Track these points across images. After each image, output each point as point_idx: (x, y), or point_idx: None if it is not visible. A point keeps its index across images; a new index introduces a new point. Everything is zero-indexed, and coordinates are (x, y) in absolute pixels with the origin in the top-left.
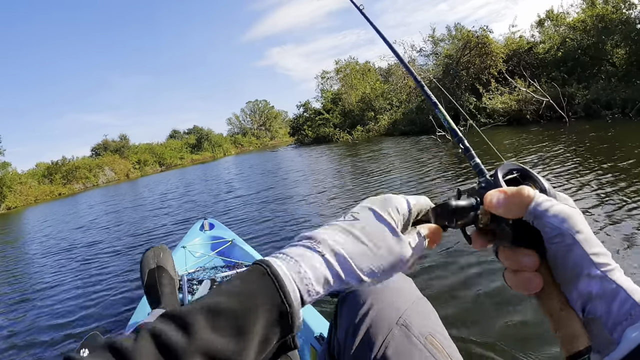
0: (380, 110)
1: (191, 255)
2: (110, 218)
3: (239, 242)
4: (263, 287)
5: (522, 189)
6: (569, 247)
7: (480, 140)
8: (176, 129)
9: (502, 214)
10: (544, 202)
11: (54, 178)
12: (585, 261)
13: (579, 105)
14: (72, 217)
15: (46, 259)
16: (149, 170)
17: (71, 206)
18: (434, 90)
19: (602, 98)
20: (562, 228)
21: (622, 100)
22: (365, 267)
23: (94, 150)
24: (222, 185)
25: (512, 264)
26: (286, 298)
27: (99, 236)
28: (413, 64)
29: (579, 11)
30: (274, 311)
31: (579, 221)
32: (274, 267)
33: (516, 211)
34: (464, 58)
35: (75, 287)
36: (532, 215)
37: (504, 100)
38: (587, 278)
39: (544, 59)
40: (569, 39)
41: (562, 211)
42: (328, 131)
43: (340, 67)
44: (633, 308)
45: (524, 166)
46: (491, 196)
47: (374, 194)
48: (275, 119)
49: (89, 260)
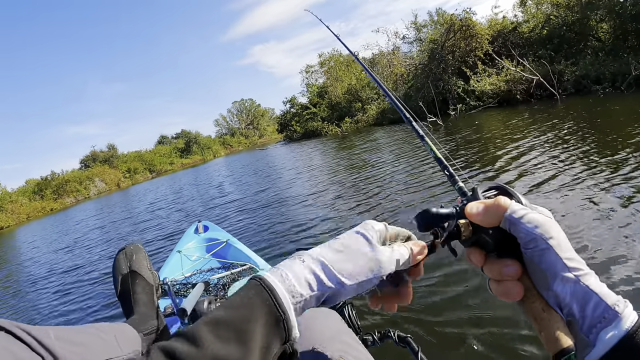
0: (368, 100)
1: (187, 259)
2: (97, 235)
3: (234, 242)
4: (258, 298)
5: (498, 199)
6: (542, 251)
7: (468, 126)
8: (164, 134)
9: (480, 221)
10: (519, 210)
11: (44, 194)
12: (558, 264)
13: (568, 81)
14: (59, 236)
15: (34, 285)
16: (140, 178)
17: (61, 222)
18: (421, 77)
19: (591, 73)
20: (535, 233)
21: (612, 74)
22: (344, 270)
23: (82, 162)
24: (213, 190)
25: (495, 274)
26: (280, 306)
27: (87, 255)
28: (397, 51)
29: None
30: (270, 319)
31: (552, 228)
32: (267, 281)
33: (493, 218)
34: (449, 42)
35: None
36: (508, 221)
37: (492, 82)
38: (561, 281)
39: (529, 38)
40: (553, 17)
41: (535, 219)
42: (316, 125)
43: (324, 60)
44: (606, 311)
45: (502, 184)
46: (471, 206)
47: (373, 190)
48: (263, 117)
49: (76, 281)
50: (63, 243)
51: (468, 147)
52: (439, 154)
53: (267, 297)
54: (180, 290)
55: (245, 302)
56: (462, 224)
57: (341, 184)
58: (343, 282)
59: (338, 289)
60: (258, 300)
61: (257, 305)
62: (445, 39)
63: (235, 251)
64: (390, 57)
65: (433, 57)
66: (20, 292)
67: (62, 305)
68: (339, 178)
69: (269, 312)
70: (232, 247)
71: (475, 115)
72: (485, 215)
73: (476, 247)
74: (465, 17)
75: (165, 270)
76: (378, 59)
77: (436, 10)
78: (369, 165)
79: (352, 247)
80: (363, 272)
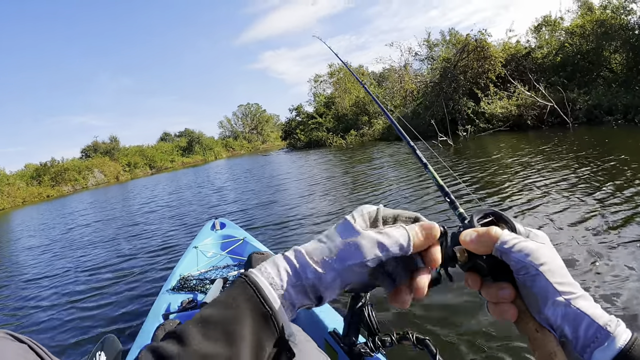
0: (375, 115)
1: (203, 255)
2: (92, 230)
3: (250, 239)
4: (244, 295)
5: (490, 229)
6: (533, 277)
7: (478, 147)
8: (167, 132)
9: (473, 249)
10: (510, 240)
11: (42, 180)
12: (549, 289)
13: (580, 110)
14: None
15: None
16: (139, 173)
17: (57, 210)
18: (431, 95)
19: (603, 104)
20: (525, 262)
21: (624, 106)
22: (318, 258)
23: (83, 152)
24: (212, 197)
25: (491, 297)
26: (266, 302)
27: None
28: (408, 67)
29: (575, 17)
30: (257, 315)
31: (544, 255)
32: (252, 277)
33: (485, 247)
34: (462, 62)
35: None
36: (499, 251)
37: (503, 105)
38: (552, 305)
39: (542, 64)
40: (568, 44)
41: (525, 247)
42: (321, 135)
43: (334, 71)
44: (599, 331)
45: (497, 210)
46: (465, 234)
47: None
48: (267, 122)
49: (101, 262)
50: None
51: (476, 169)
52: (440, 181)
53: (252, 294)
54: (197, 285)
55: (231, 300)
56: (458, 250)
57: (341, 196)
58: (317, 271)
59: (316, 280)
60: (243, 296)
61: (242, 301)
62: (458, 58)
63: (252, 249)
64: (402, 72)
65: (445, 76)
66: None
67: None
68: (341, 190)
69: (255, 308)
70: (248, 244)
71: (485, 138)
72: (477, 244)
73: (473, 272)
74: (480, 37)
75: (182, 266)
76: (389, 74)
77: (449, 30)
78: (371, 180)
79: (332, 235)
80: (338, 259)
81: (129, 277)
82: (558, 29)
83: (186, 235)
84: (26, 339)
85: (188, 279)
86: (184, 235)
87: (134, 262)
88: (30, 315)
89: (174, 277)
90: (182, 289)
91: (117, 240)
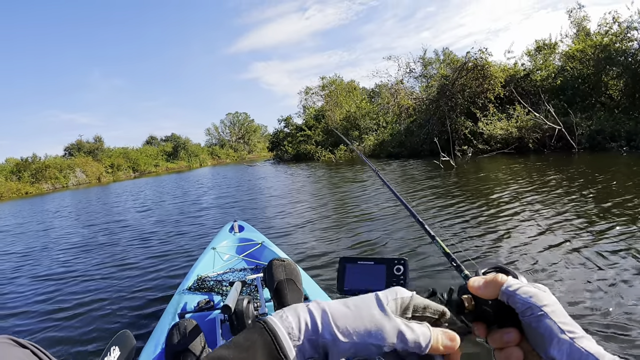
0: (366, 130)
1: (219, 257)
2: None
3: (269, 244)
4: (261, 341)
5: (496, 275)
6: (538, 317)
7: (478, 170)
8: (154, 135)
9: (481, 294)
10: (514, 284)
11: (22, 175)
12: (554, 329)
13: (582, 135)
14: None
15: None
16: (122, 175)
17: (58, 208)
18: (426, 113)
19: (606, 129)
20: (530, 302)
21: (627, 132)
22: (341, 324)
23: (67, 150)
24: (192, 207)
25: (497, 342)
26: (281, 350)
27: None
28: (404, 82)
29: (570, 43)
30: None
31: (546, 298)
32: (270, 324)
33: (492, 291)
34: (460, 80)
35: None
36: (505, 294)
37: (502, 126)
38: (557, 343)
39: (541, 87)
40: (569, 68)
41: (529, 290)
42: (309, 148)
43: (326, 84)
44: None
45: (500, 264)
46: (473, 280)
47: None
48: (255, 132)
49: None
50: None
51: (477, 198)
52: (447, 249)
53: (269, 341)
54: (214, 287)
55: (248, 344)
56: (465, 299)
57: (326, 217)
58: (336, 335)
59: (331, 343)
60: (260, 342)
61: (259, 347)
62: (456, 76)
63: (270, 253)
64: (397, 87)
65: (442, 93)
66: None
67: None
68: (326, 211)
69: (271, 354)
70: (266, 249)
71: (485, 160)
72: (485, 289)
73: (479, 322)
74: (480, 56)
75: (199, 266)
76: (380, 90)
77: (443, 50)
78: (359, 204)
79: (361, 306)
80: (359, 333)
81: (145, 275)
82: (554, 53)
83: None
84: (29, 344)
85: (205, 280)
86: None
87: (149, 262)
88: (46, 313)
89: (191, 277)
90: (199, 289)
91: (133, 240)
